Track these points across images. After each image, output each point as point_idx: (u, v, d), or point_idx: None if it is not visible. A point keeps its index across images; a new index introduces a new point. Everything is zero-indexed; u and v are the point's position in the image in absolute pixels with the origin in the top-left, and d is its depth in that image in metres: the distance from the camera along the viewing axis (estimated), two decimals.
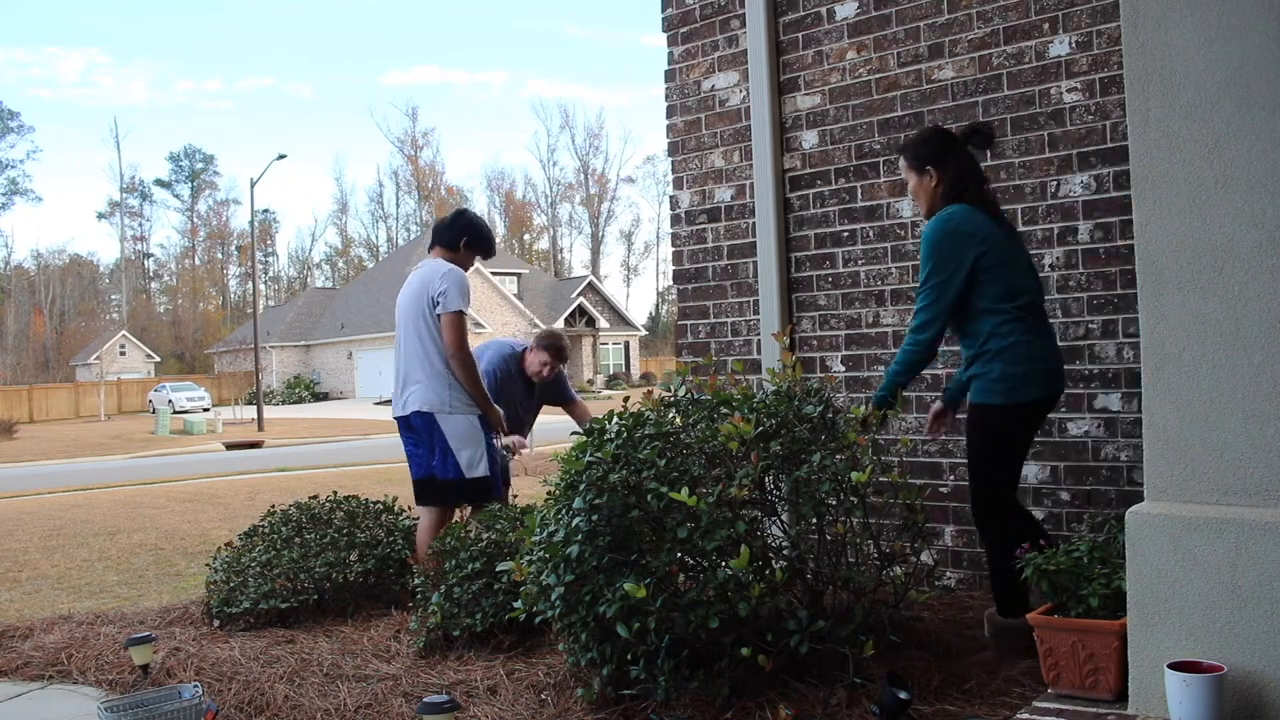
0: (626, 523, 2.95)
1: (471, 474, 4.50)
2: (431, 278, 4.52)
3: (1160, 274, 2.52)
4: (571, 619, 2.97)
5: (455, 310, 4.46)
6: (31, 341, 66.95)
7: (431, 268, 4.58)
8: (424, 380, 4.49)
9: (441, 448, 4.49)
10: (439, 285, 4.48)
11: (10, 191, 70.20)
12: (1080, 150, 3.83)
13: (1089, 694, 2.67)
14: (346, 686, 3.44)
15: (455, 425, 4.49)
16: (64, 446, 27.17)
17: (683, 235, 5.01)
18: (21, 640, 4.45)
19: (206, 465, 18.12)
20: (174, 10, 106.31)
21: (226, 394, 48.34)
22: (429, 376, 4.49)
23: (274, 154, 46.26)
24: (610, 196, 77.44)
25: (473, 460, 4.50)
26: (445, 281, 4.47)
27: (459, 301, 4.47)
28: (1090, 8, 3.77)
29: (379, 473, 14.23)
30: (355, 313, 51.44)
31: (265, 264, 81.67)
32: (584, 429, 3.22)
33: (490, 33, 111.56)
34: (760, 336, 4.67)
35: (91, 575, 6.64)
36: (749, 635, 2.87)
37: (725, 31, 4.82)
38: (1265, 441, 2.40)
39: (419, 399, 4.50)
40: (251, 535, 4.89)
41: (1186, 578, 2.43)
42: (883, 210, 4.35)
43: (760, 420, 3.07)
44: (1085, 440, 3.84)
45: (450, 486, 4.51)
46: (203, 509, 10.48)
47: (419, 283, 4.57)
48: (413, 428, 4.56)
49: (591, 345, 51.16)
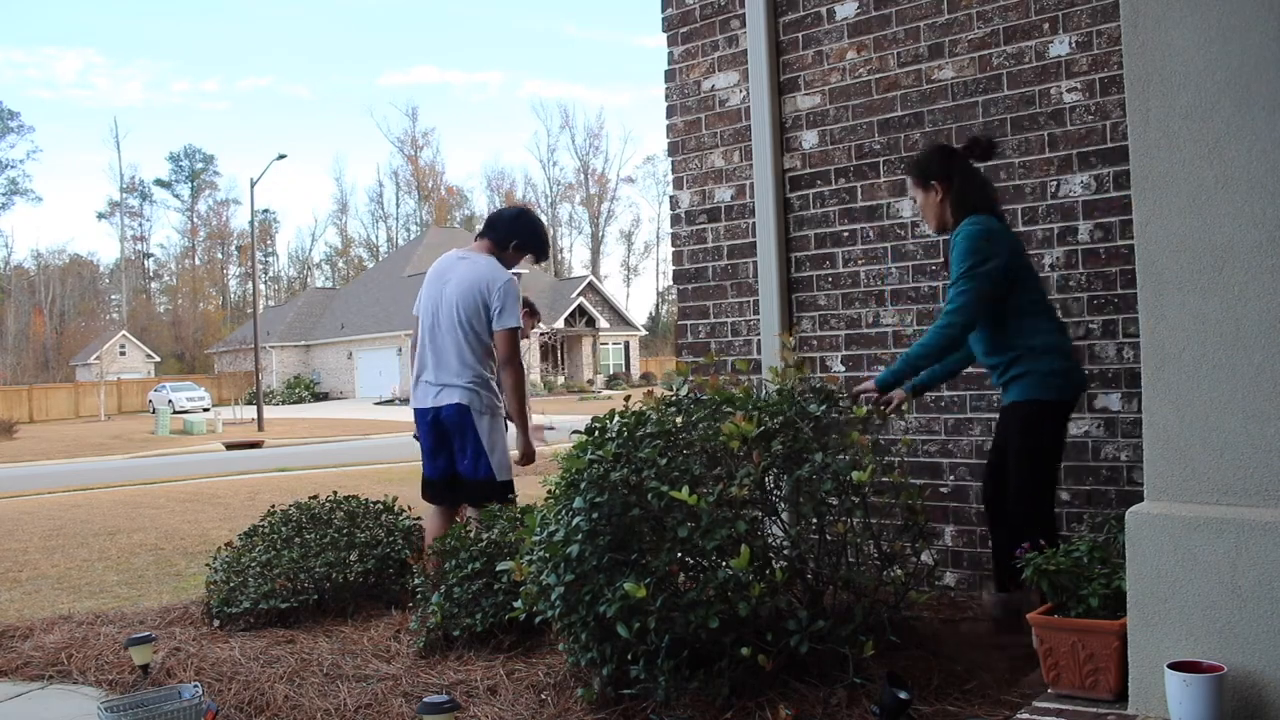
0: (627, 522, 2.95)
1: (502, 476, 4.48)
2: (489, 283, 4.43)
3: (1160, 274, 2.52)
4: (571, 619, 2.97)
5: (514, 327, 4.46)
6: (31, 341, 66.96)
7: (489, 268, 4.48)
8: (462, 378, 4.42)
9: (475, 448, 4.43)
10: (499, 298, 4.42)
11: (10, 191, 70.35)
12: (1080, 150, 3.83)
13: (1089, 694, 2.67)
14: (346, 686, 3.44)
15: (489, 426, 4.46)
16: (64, 446, 27.18)
17: (683, 235, 5.01)
18: (21, 640, 4.45)
19: (206, 465, 18.13)
20: (173, 10, 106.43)
21: (226, 394, 48.35)
22: (469, 375, 4.42)
23: (274, 154, 46.30)
24: (610, 196, 77.56)
25: (503, 463, 4.49)
26: (505, 295, 4.43)
27: (516, 317, 4.48)
28: (1090, 8, 3.77)
29: (379, 473, 14.23)
30: (355, 313, 51.46)
31: (265, 264, 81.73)
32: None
33: (490, 33, 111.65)
34: (760, 336, 4.67)
35: (91, 575, 6.64)
36: (749, 635, 2.87)
37: (725, 31, 4.82)
38: (1265, 441, 2.40)
39: (456, 393, 4.42)
40: (251, 535, 4.89)
41: (1186, 578, 2.43)
42: (883, 210, 4.35)
43: (763, 420, 3.07)
44: (1085, 440, 3.84)
45: (478, 486, 4.44)
46: (203, 509, 10.48)
47: (473, 278, 4.46)
48: (441, 422, 4.46)
49: (591, 345, 51.14)
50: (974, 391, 4.12)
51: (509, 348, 4.45)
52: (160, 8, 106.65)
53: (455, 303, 4.46)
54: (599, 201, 77.09)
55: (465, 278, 4.48)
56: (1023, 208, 3.96)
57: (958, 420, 4.17)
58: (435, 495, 4.57)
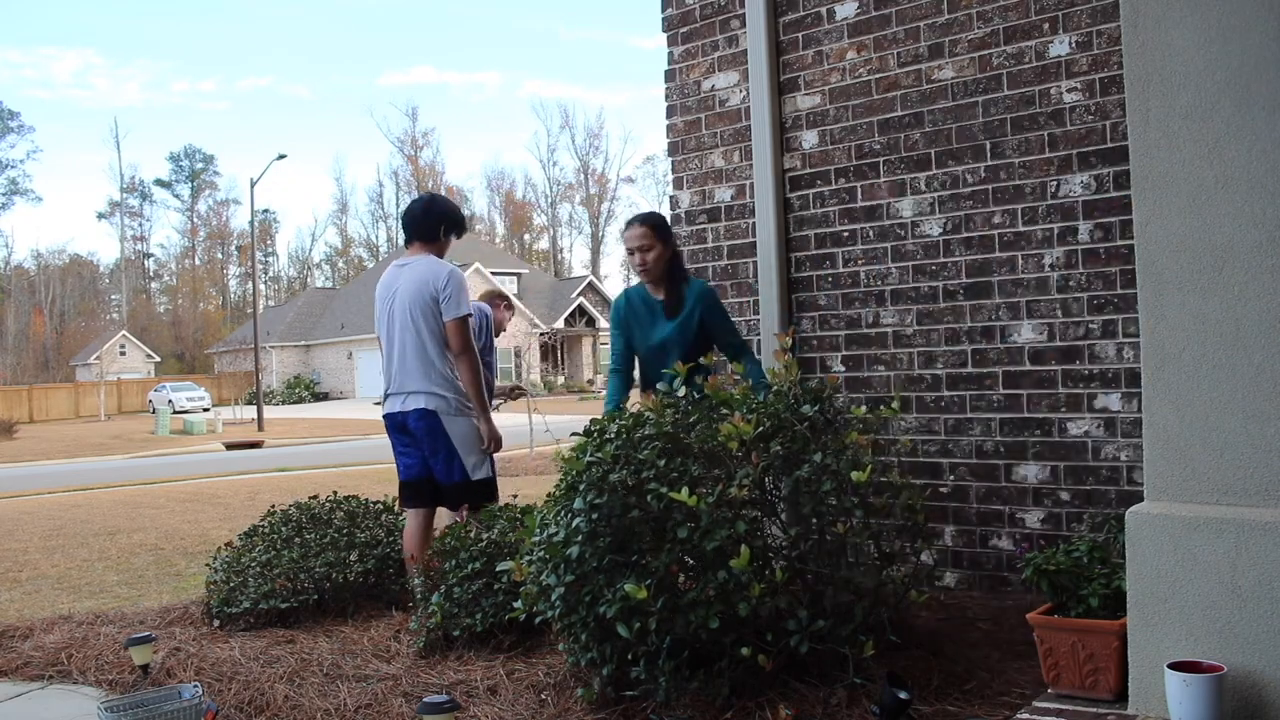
0: (626, 523, 2.95)
1: (476, 476, 4.49)
2: (433, 278, 4.46)
3: (1160, 274, 2.53)
4: (572, 619, 2.97)
5: (464, 315, 4.46)
6: (31, 341, 66.96)
7: (430, 267, 4.51)
8: (426, 381, 4.45)
9: (446, 450, 4.45)
10: (445, 289, 4.44)
11: (10, 191, 70.31)
12: (1080, 150, 3.83)
13: (1089, 694, 2.67)
14: (346, 686, 3.44)
15: (460, 427, 4.46)
16: (64, 446, 27.18)
17: (683, 235, 5.01)
18: (21, 640, 4.44)
19: (206, 465, 18.13)
20: (172, 10, 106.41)
21: (226, 394, 48.35)
22: (432, 378, 4.45)
23: (274, 154, 46.30)
24: (610, 196, 77.46)
25: (478, 462, 4.50)
26: (451, 285, 4.45)
27: (466, 305, 4.48)
28: (1090, 8, 3.77)
29: (379, 473, 14.23)
30: (355, 313, 51.42)
31: (265, 264, 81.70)
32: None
33: (489, 33, 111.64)
34: (760, 336, 4.67)
35: (91, 575, 6.64)
36: (749, 635, 2.87)
37: (725, 31, 4.82)
38: (1265, 441, 2.40)
39: (422, 399, 4.45)
40: (251, 535, 4.89)
41: (1186, 578, 2.44)
42: (883, 210, 4.35)
43: (760, 420, 3.07)
44: (1085, 440, 3.84)
45: (453, 490, 4.48)
46: (203, 509, 10.48)
47: (417, 281, 4.49)
48: (409, 429, 4.50)
49: (591, 345, 51.14)
50: (974, 392, 4.12)
51: (461, 338, 4.46)
52: (160, 7, 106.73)
53: (407, 307, 4.47)
54: (599, 201, 77.07)
55: (411, 280, 4.51)
56: (1023, 208, 3.96)
57: (958, 420, 4.17)
58: (410, 498, 4.57)
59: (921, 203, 4.22)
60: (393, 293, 4.56)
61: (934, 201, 4.18)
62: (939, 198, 4.17)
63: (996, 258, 4.03)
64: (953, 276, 4.15)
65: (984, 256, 4.06)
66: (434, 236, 4.64)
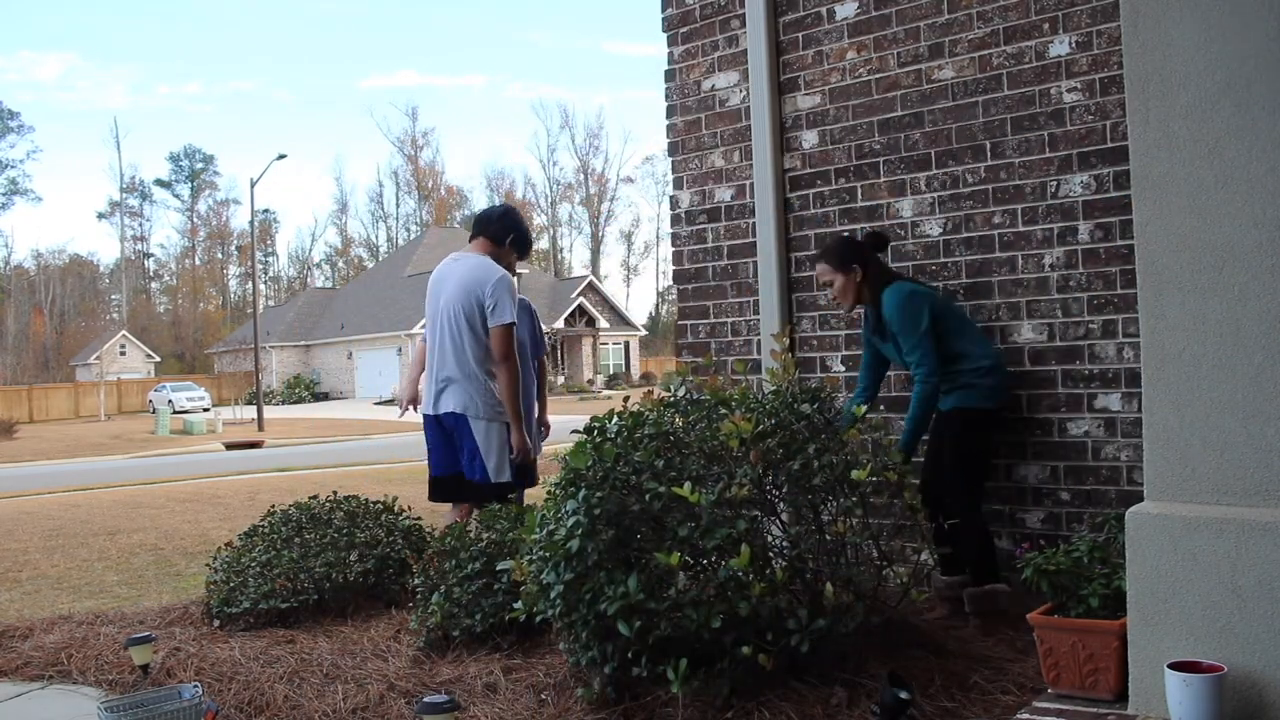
0: (626, 521, 2.95)
1: (499, 479, 4.54)
2: (482, 280, 4.47)
3: (1160, 274, 2.52)
4: (572, 618, 2.97)
5: (509, 323, 4.46)
6: (31, 341, 66.96)
7: (481, 267, 4.51)
8: (460, 381, 4.47)
9: (470, 449, 4.51)
10: (492, 293, 4.45)
11: (10, 191, 70.29)
12: (1080, 150, 3.83)
13: (1089, 694, 2.67)
14: (346, 687, 3.44)
15: (482, 430, 4.51)
16: (64, 446, 27.17)
17: (683, 235, 5.01)
18: (21, 640, 4.44)
19: (206, 465, 18.11)
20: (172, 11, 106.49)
21: (226, 394, 48.34)
22: (464, 378, 4.47)
23: (273, 154, 46.31)
24: (610, 196, 77.50)
25: (500, 466, 4.53)
26: (499, 291, 4.47)
27: (512, 313, 4.48)
28: (1090, 8, 3.77)
29: (379, 473, 14.23)
30: (355, 313, 51.44)
31: (265, 264, 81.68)
32: None
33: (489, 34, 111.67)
34: (760, 336, 4.67)
35: (91, 575, 6.64)
36: (749, 634, 2.87)
37: (725, 31, 4.82)
38: (1265, 441, 2.40)
39: (453, 399, 4.50)
40: (251, 535, 4.89)
41: (1186, 577, 2.43)
42: (883, 210, 4.35)
43: (759, 420, 3.07)
44: (1085, 440, 3.84)
45: (474, 488, 4.54)
46: (203, 509, 10.47)
47: (466, 279, 4.50)
48: (443, 426, 4.57)
49: (591, 345, 51.14)
50: None
51: (504, 345, 4.48)
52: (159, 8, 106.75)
53: (452, 305, 4.52)
54: (599, 201, 77.08)
55: (461, 279, 4.54)
56: (1023, 208, 3.96)
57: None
58: (441, 493, 4.62)
59: (921, 203, 4.22)
60: (442, 287, 4.60)
61: (934, 201, 4.18)
62: (939, 198, 4.17)
63: (996, 258, 4.03)
64: (953, 276, 4.15)
65: (984, 256, 4.06)
66: (499, 240, 4.71)
